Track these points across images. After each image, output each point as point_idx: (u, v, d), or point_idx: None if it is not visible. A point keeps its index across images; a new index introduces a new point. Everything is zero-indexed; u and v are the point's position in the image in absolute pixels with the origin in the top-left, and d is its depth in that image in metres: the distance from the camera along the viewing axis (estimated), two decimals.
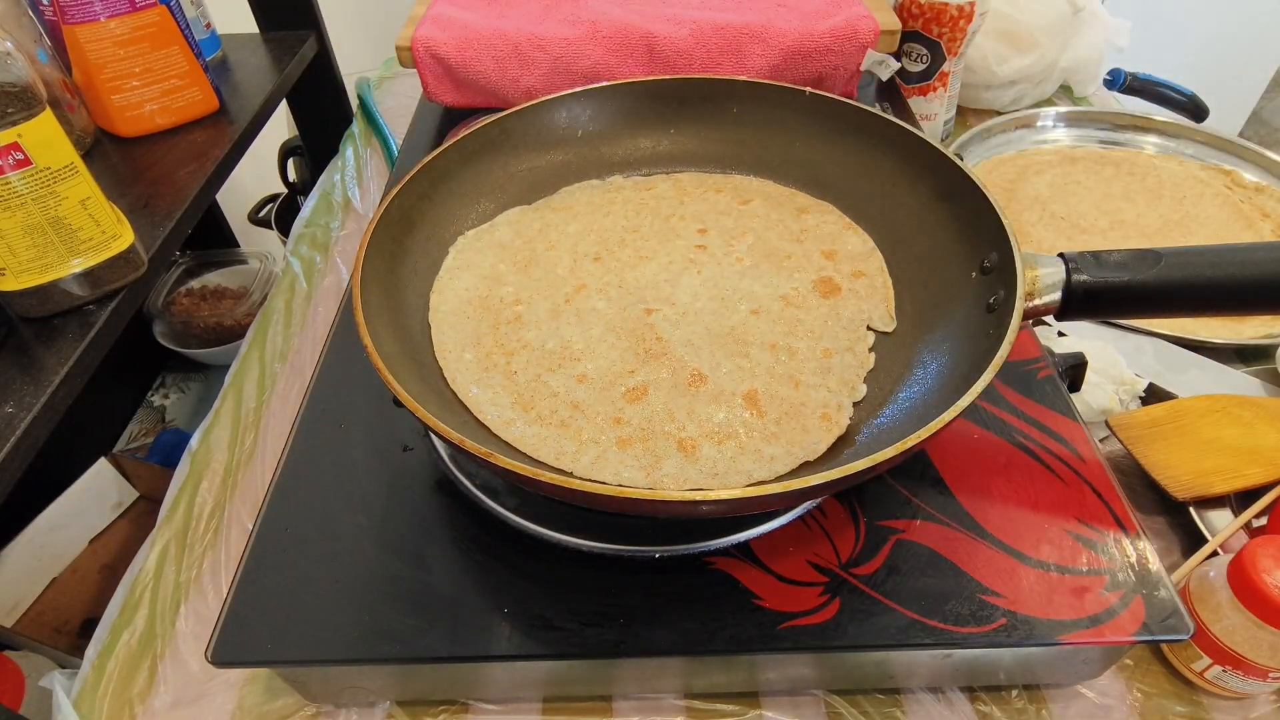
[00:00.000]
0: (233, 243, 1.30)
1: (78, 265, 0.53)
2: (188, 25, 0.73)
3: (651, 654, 0.39)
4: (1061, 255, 0.41)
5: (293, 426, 0.50)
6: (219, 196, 1.09)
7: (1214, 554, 0.48)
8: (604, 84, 0.59)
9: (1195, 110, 0.94)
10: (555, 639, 0.39)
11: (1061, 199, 0.79)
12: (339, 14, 1.01)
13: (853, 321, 0.48)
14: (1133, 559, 0.41)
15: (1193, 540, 0.50)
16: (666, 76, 0.60)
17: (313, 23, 0.96)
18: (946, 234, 0.48)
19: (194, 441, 0.61)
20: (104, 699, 0.46)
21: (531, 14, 0.78)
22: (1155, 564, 0.41)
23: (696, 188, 0.58)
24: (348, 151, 0.93)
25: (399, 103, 1.01)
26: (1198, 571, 0.45)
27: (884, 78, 0.75)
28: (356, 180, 0.89)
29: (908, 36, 0.80)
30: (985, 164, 0.85)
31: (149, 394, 1.17)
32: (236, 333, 1.09)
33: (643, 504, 0.34)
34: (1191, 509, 0.50)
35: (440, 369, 0.46)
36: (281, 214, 1.14)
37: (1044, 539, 0.43)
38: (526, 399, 0.44)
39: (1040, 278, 0.41)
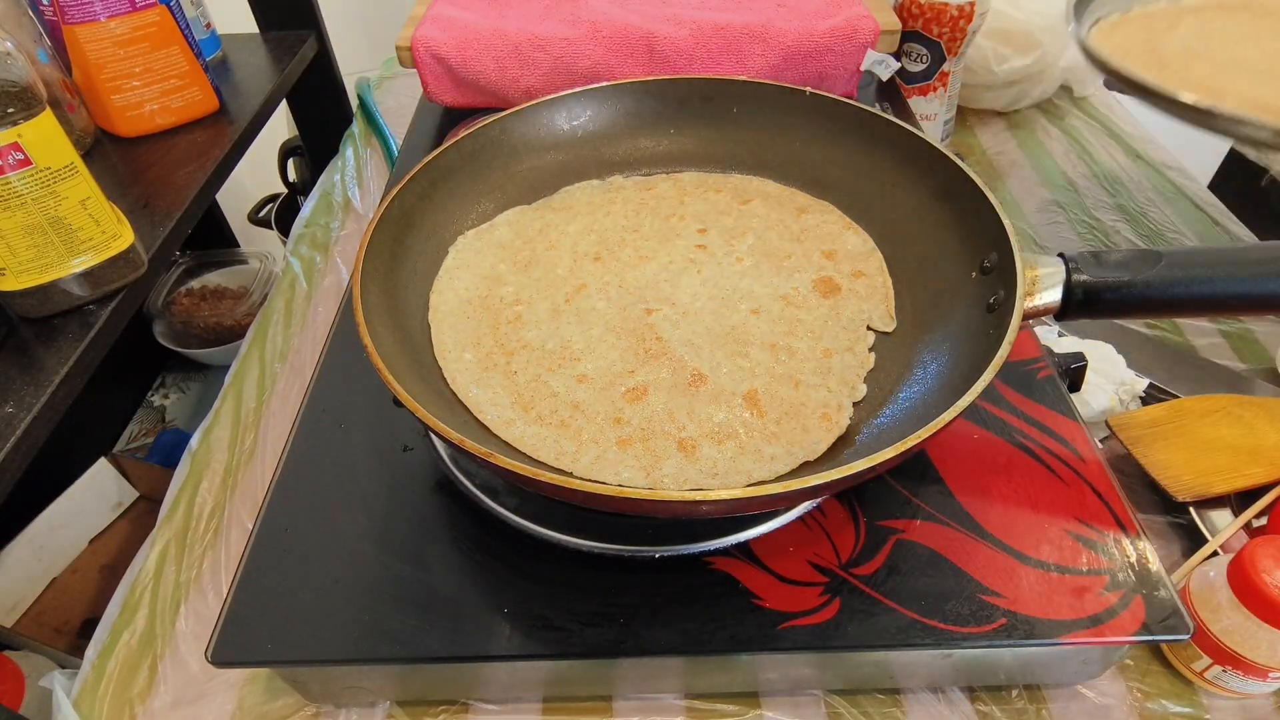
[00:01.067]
0: (233, 243, 1.30)
1: (78, 265, 0.53)
2: (188, 25, 0.73)
3: (651, 654, 0.39)
4: (1061, 255, 0.41)
5: (293, 426, 0.50)
6: (219, 196, 1.09)
7: (1214, 554, 0.48)
8: (604, 84, 0.59)
9: None
10: (555, 639, 0.39)
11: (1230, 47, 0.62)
12: (339, 14, 1.02)
13: (853, 321, 0.48)
14: (1133, 559, 0.41)
15: (1193, 540, 0.50)
16: (666, 76, 0.60)
17: (312, 23, 0.96)
18: (946, 234, 0.48)
19: (194, 441, 0.61)
20: (104, 699, 0.46)
21: (532, 14, 0.78)
22: (1155, 564, 0.41)
23: (696, 187, 0.58)
24: (348, 151, 0.93)
25: (399, 103, 1.01)
26: (1198, 571, 0.45)
27: (884, 78, 0.75)
28: (356, 180, 0.89)
29: (908, 36, 0.80)
30: (1127, 17, 0.69)
31: (149, 394, 1.17)
32: (236, 333, 1.09)
33: (643, 504, 0.34)
34: (1191, 509, 0.50)
35: (440, 369, 0.46)
36: (281, 214, 1.14)
37: (1044, 539, 0.43)
38: (526, 399, 0.44)
39: (1040, 278, 0.40)
